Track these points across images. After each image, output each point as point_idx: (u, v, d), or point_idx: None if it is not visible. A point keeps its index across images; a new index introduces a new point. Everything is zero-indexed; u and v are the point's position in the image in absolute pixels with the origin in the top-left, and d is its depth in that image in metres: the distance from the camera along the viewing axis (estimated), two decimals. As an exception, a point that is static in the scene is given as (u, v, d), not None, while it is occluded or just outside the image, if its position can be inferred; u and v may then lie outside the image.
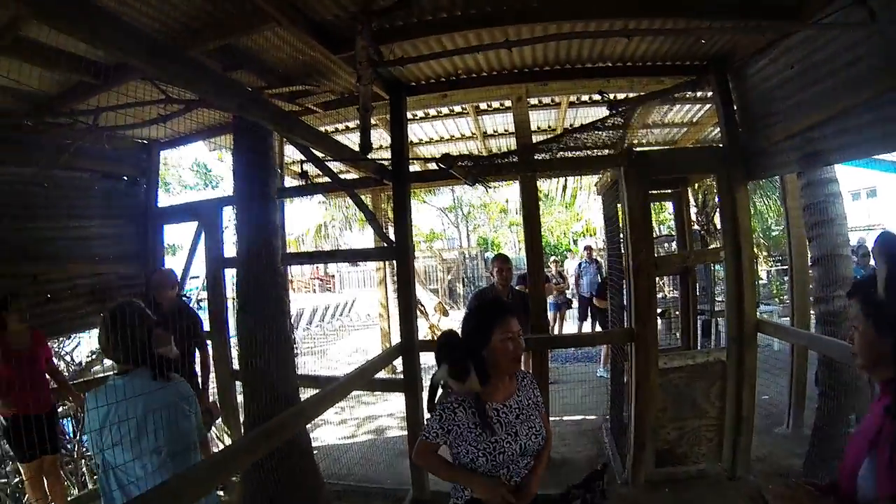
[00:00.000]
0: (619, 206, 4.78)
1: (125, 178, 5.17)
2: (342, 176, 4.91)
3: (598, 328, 9.08)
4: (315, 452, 4.43)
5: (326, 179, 4.61)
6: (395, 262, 4.83)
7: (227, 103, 2.66)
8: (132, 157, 5.18)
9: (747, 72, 4.18)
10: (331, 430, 6.59)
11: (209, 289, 5.04)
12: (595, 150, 4.80)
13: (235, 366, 4.86)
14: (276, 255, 4.11)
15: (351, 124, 6.01)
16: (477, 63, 4.57)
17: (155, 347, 2.55)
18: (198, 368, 4.74)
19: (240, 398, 4.72)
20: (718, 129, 4.86)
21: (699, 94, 5.59)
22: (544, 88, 5.25)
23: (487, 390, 2.18)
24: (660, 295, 11.27)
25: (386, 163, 4.70)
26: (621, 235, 4.85)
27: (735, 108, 4.38)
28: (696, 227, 8.23)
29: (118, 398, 2.27)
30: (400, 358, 4.63)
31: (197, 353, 4.71)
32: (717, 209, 5.09)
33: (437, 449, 2.21)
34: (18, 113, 3.91)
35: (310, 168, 4.56)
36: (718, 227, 6.88)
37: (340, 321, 16.40)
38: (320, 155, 4.24)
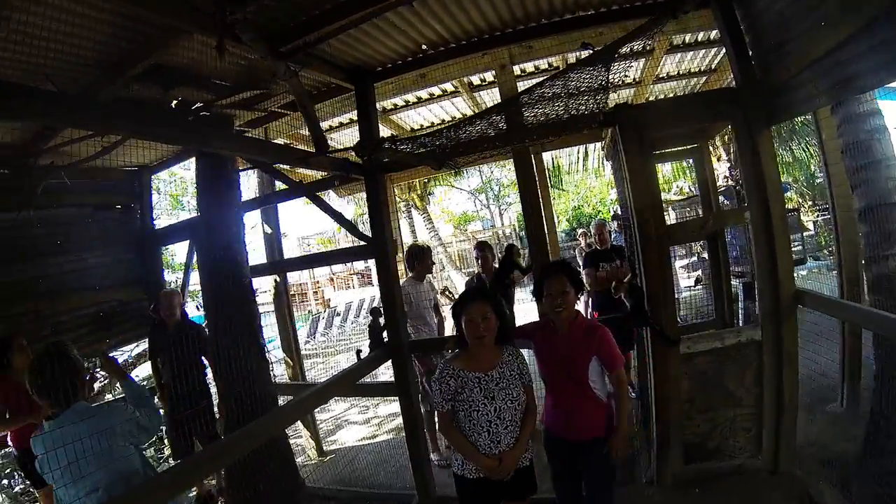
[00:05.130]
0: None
1: (118, 206, 4.88)
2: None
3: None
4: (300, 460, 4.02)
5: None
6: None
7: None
8: (123, 185, 4.87)
9: (755, -5, 3.15)
10: (353, 431, 6.12)
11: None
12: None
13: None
14: (241, 266, 3.65)
15: (335, 122, 5.44)
16: (448, 29, 3.78)
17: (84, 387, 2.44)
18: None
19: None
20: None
21: (712, 35, 4.53)
22: (529, 52, 4.41)
23: (470, 361, 2.55)
24: (693, 259, 9.92)
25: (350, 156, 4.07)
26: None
27: (746, 40, 3.34)
28: (730, 182, 6.93)
29: (48, 444, 2.21)
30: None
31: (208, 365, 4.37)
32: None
33: (453, 417, 2.53)
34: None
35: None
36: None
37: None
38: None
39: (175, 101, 3.65)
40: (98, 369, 2.87)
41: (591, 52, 3.26)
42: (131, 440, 2.45)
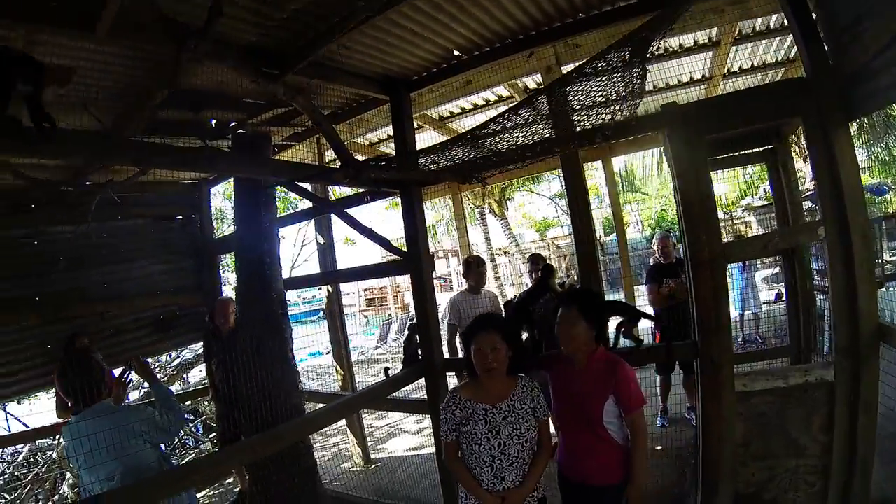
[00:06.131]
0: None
1: (179, 217, 5.19)
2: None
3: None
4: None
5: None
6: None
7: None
8: (184, 197, 5.19)
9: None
10: (404, 440, 6.03)
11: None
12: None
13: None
14: (272, 281, 3.67)
15: (381, 133, 5.39)
16: (475, 32, 3.46)
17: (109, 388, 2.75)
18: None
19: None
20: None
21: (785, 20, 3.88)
22: (576, 52, 4.05)
23: (478, 392, 2.41)
24: (776, 269, 8.63)
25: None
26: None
27: (815, 18, 2.79)
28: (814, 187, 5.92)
29: (72, 434, 2.49)
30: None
31: None
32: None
33: (458, 448, 2.42)
34: (57, 182, 4.01)
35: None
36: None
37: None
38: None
39: (214, 121, 3.79)
40: (132, 372, 3.06)
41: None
42: (148, 439, 2.63)
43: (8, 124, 1.82)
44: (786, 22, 3.93)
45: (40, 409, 4.87)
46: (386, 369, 3.92)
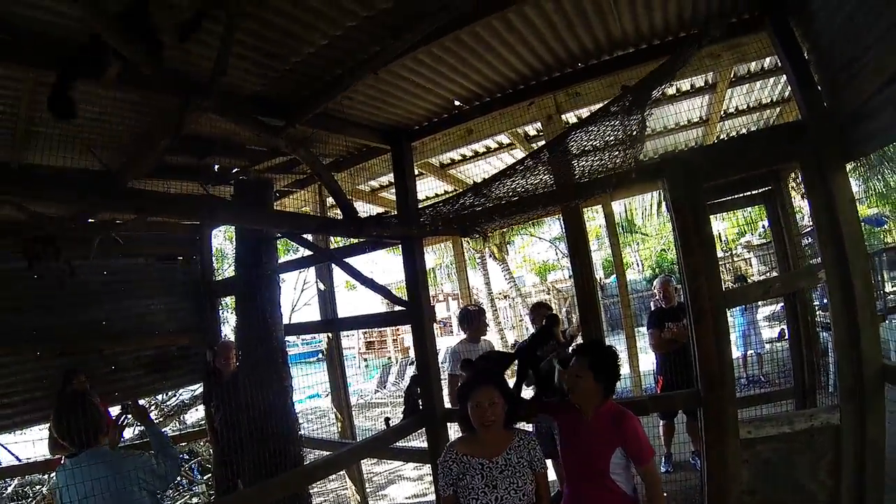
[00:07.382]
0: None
1: (180, 258, 5.23)
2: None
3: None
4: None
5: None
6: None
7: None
8: (185, 238, 5.24)
9: (813, 6, 2.73)
10: (404, 487, 5.91)
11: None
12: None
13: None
14: (273, 330, 3.68)
15: (384, 180, 5.47)
16: (476, 83, 3.55)
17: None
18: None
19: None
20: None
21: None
22: (576, 100, 4.13)
23: (475, 446, 2.43)
24: (778, 307, 8.58)
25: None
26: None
27: (809, 62, 2.88)
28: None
29: (67, 479, 2.44)
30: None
31: None
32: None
33: (456, 502, 2.41)
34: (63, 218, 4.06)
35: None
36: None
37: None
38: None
39: (217, 167, 3.87)
40: (129, 415, 3.04)
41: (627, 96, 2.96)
42: (145, 486, 2.60)
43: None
44: (779, 63, 4.10)
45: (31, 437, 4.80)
46: (387, 419, 3.90)
